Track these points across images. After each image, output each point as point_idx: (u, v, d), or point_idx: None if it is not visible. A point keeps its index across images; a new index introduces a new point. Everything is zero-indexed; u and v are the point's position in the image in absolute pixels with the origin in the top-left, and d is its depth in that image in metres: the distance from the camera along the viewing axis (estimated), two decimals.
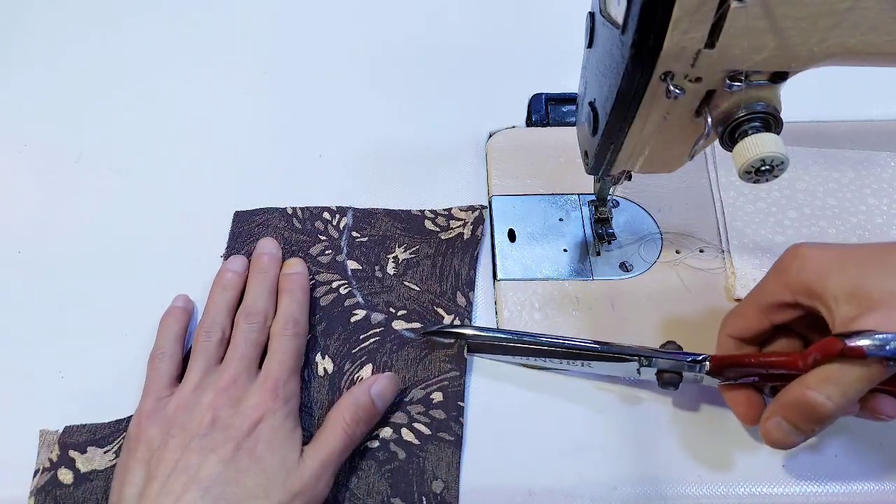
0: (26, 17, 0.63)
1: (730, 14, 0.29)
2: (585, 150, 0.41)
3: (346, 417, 0.39)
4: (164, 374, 0.41)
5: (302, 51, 0.60)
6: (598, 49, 0.36)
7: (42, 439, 0.41)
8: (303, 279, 0.46)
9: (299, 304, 0.44)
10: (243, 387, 0.40)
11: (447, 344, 0.44)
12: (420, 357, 0.44)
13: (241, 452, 0.36)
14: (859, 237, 0.48)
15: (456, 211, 0.50)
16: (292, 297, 0.44)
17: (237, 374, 0.40)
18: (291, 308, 0.44)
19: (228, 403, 0.38)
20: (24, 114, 0.57)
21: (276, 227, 0.49)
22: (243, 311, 0.44)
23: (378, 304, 0.46)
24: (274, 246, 0.48)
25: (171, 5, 0.64)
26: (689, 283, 0.47)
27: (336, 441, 0.38)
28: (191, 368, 0.41)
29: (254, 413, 0.38)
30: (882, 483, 0.40)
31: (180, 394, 0.39)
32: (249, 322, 0.43)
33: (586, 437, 0.41)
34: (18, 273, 0.49)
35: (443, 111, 0.56)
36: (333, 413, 0.40)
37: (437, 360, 0.44)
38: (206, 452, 0.36)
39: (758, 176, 0.33)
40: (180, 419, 0.38)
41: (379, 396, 0.40)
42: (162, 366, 0.42)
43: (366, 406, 0.40)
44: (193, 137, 0.55)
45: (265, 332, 0.43)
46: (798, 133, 0.53)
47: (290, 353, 0.42)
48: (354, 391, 0.41)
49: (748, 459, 0.41)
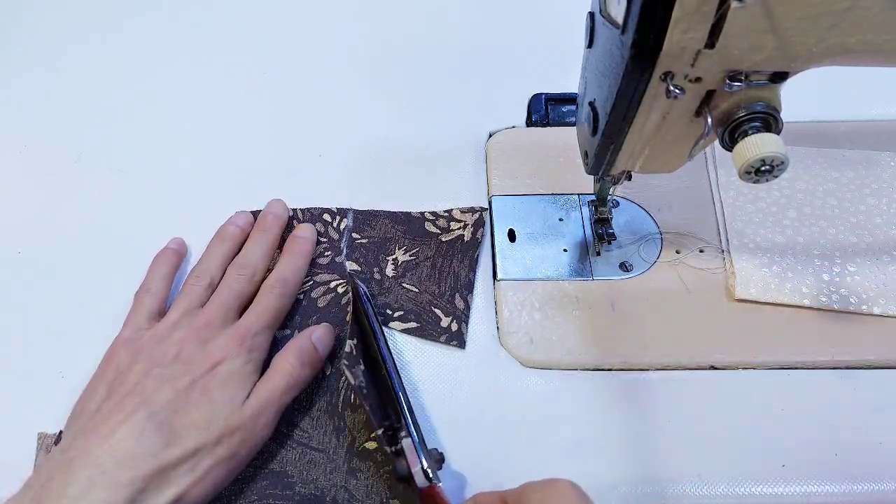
0: (26, 17, 0.63)
1: (730, 14, 0.29)
2: (585, 150, 0.41)
3: (290, 361, 0.41)
4: (145, 309, 0.44)
5: (302, 51, 0.60)
6: (598, 49, 0.36)
7: (40, 442, 0.41)
8: (307, 245, 0.47)
9: (296, 267, 0.46)
10: (215, 331, 0.42)
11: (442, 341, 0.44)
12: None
13: (194, 386, 0.38)
14: (859, 237, 0.48)
15: (456, 213, 0.50)
16: (291, 258, 0.46)
17: (213, 318, 0.42)
18: (286, 268, 0.45)
19: (196, 342, 0.41)
20: (24, 114, 0.57)
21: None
22: (235, 262, 0.46)
23: (375, 306, 0.46)
24: (282, 208, 0.49)
25: (171, 5, 0.64)
26: (689, 283, 0.47)
27: (279, 382, 0.40)
28: (173, 307, 0.43)
29: (216, 354, 0.40)
30: (882, 483, 0.40)
31: (157, 328, 0.42)
32: (238, 273, 0.45)
33: (586, 437, 0.41)
34: (18, 273, 0.49)
35: (443, 111, 0.56)
36: (278, 358, 0.42)
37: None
38: (163, 381, 0.38)
39: (758, 176, 0.33)
40: (149, 349, 0.41)
41: (319, 341, 0.43)
42: (146, 300, 0.44)
43: (308, 350, 0.42)
44: (193, 137, 0.55)
45: (252, 286, 0.45)
46: (798, 133, 0.53)
47: (270, 309, 0.43)
48: (298, 338, 0.43)
49: (748, 459, 0.41)
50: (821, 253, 0.47)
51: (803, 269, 0.46)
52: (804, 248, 0.47)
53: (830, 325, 0.45)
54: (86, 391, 0.41)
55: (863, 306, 0.45)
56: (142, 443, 0.35)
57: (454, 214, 0.50)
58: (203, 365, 0.39)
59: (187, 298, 0.44)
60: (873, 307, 0.45)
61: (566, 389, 0.43)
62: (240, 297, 0.44)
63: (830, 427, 0.42)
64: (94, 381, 0.41)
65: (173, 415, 0.37)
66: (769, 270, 0.46)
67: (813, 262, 0.47)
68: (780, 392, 0.43)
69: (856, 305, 0.45)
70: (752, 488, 0.40)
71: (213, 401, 0.38)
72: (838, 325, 0.45)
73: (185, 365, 0.40)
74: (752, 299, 0.45)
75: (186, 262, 0.49)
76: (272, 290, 0.44)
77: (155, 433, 0.36)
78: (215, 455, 0.37)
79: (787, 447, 0.41)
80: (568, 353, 0.44)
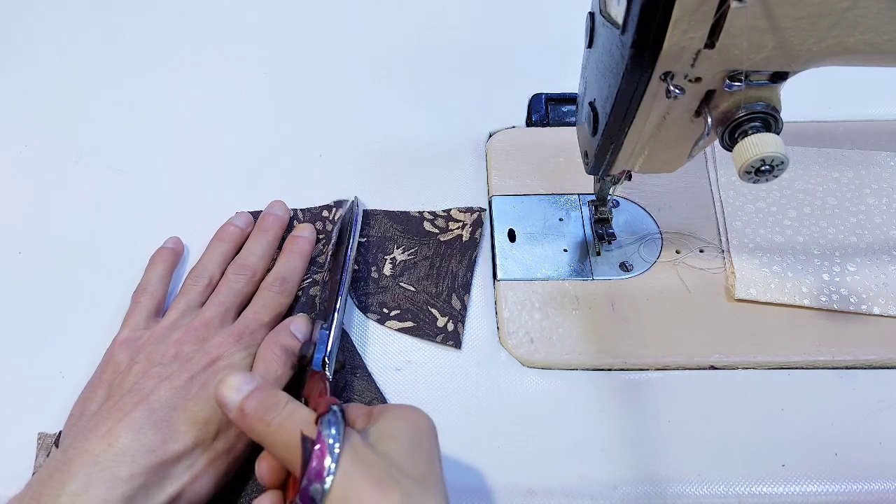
0: (26, 16, 0.63)
1: (730, 14, 0.29)
2: (585, 150, 0.41)
3: (275, 351, 0.41)
4: (143, 309, 0.44)
5: (302, 50, 0.60)
6: (598, 49, 0.36)
7: (40, 442, 0.41)
8: (307, 244, 0.47)
9: (295, 266, 0.46)
10: (214, 330, 0.42)
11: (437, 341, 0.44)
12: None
13: (193, 382, 0.38)
14: (859, 237, 0.48)
15: (455, 212, 0.50)
16: (290, 257, 0.46)
17: (211, 318, 0.42)
18: (285, 267, 0.46)
19: (194, 341, 0.41)
20: (24, 114, 0.57)
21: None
22: (235, 262, 0.46)
23: (371, 304, 0.46)
24: (282, 209, 0.49)
25: (171, 5, 0.64)
26: (689, 283, 0.47)
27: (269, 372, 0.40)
28: (172, 307, 0.44)
29: (214, 351, 0.40)
30: (882, 483, 0.40)
31: (155, 328, 0.42)
32: (237, 273, 0.45)
33: (586, 437, 0.41)
34: (18, 273, 0.49)
35: (443, 111, 0.56)
36: (263, 350, 0.41)
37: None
38: (162, 379, 0.38)
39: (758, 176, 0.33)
40: (148, 349, 0.41)
41: (297, 331, 0.43)
42: (143, 300, 0.44)
43: (290, 340, 0.42)
44: (193, 138, 0.55)
45: (251, 286, 0.45)
46: (798, 133, 0.53)
47: (269, 307, 0.44)
48: (277, 330, 0.43)
49: (748, 459, 0.41)
50: (821, 253, 0.47)
51: (803, 269, 0.46)
52: (804, 248, 0.47)
53: (830, 325, 0.45)
54: (85, 392, 0.41)
55: (863, 306, 0.45)
56: (140, 440, 0.35)
57: (453, 214, 0.50)
58: (200, 362, 0.39)
59: (185, 299, 0.44)
60: (873, 307, 0.45)
61: (566, 389, 0.43)
62: (239, 297, 0.44)
63: (830, 427, 0.42)
64: (94, 382, 0.41)
65: (172, 412, 0.37)
66: (769, 270, 0.46)
67: (813, 262, 0.47)
68: (780, 392, 0.43)
69: (856, 305, 0.45)
70: (752, 488, 0.40)
71: (211, 396, 0.38)
72: (838, 325, 0.45)
73: (183, 364, 0.40)
74: (752, 299, 0.45)
75: (185, 263, 0.49)
76: (270, 289, 0.44)
77: (153, 430, 0.36)
78: (214, 450, 0.37)
79: (787, 447, 0.41)
80: (568, 353, 0.44)
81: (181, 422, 0.37)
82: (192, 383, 0.38)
